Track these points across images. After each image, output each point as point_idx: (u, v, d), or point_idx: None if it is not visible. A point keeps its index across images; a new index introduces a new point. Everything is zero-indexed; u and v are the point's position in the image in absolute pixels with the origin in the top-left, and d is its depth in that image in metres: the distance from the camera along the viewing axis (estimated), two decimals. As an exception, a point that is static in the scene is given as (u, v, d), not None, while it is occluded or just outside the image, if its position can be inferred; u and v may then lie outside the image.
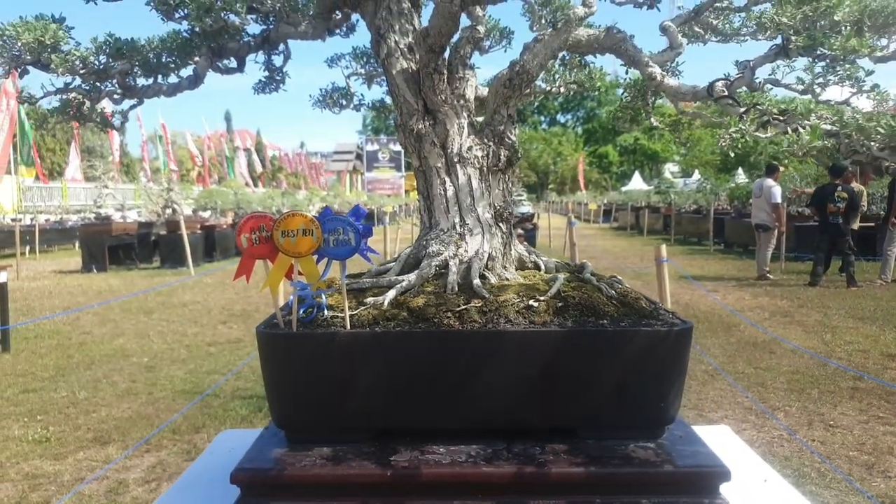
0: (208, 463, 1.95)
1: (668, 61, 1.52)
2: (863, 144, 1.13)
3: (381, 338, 1.32)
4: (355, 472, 1.25)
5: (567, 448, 1.32)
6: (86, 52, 1.38)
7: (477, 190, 1.52)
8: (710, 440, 1.85)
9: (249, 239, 1.30)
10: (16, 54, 1.31)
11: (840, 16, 1.15)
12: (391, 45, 1.53)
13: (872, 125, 1.11)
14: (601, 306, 1.38)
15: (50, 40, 1.31)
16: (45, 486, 4.29)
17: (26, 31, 1.29)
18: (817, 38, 1.18)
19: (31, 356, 7.74)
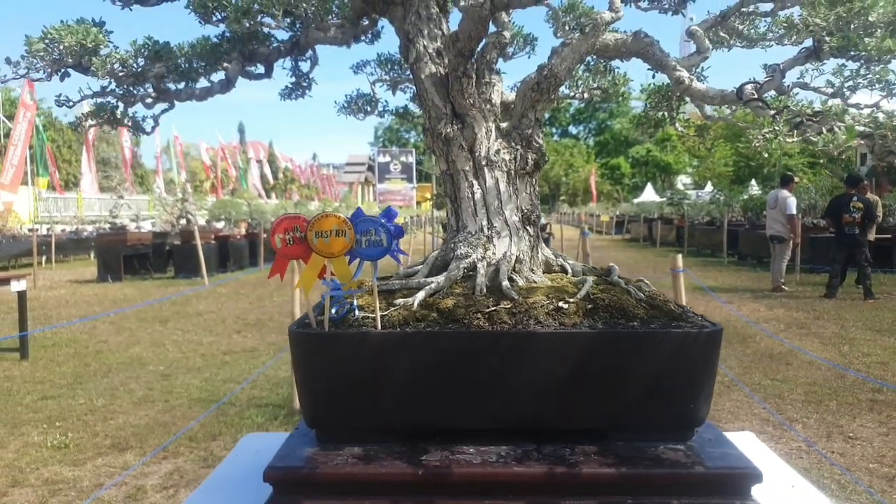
0: (234, 465, 1.97)
1: (694, 65, 1.53)
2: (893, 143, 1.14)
3: (411, 338, 1.33)
4: (387, 471, 1.26)
5: (597, 449, 1.32)
6: (125, 55, 1.40)
7: (504, 193, 1.54)
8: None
9: (283, 239, 1.32)
10: (57, 58, 1.33)
11: (875, 16, 1.16)
12: (420, 49, 1.55)
13: (905, 125, 1.12)
14: (630, 308, 1.39)
15: (91, 43, 1.34)
16: (65, 491, 4.32)
17: (69, 34, 1.32)
18: (852, 39, 1.19)
19: (49, 364, 7.81)
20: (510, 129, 1.58)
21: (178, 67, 1.45)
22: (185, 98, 1.52)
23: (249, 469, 1.86)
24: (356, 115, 2.04)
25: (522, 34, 1.99)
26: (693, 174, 61.08)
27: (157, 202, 21.16)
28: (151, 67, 1.43)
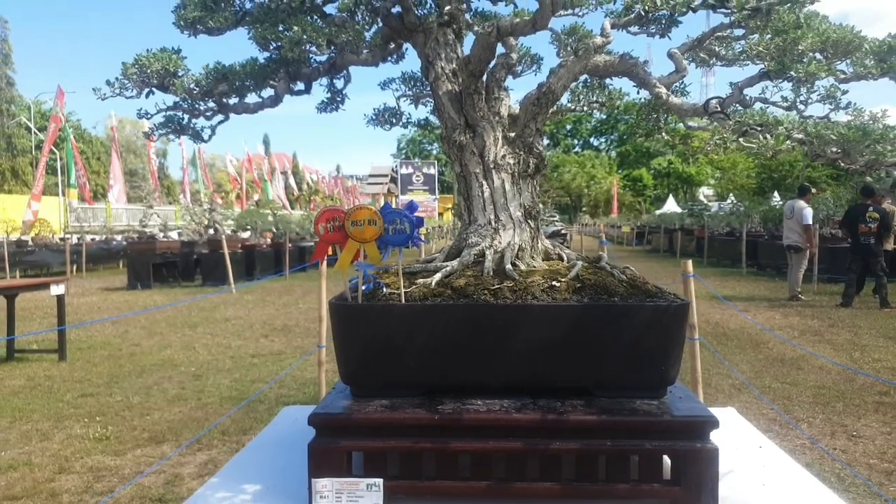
0: (275, 431, 2.25)
1: (674, 83, 1.79)
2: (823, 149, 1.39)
3: (430, 310, 1.61)
4: (409, 416, 1.54)
5: (583, 403, 1.59)
6: (199, 77, 1.71)
7: (509, 192, 1.81)
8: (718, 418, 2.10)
9: (325, 227, 1.61)
10: (144, 79, 1.64)
11: (804, 46, 1.41)
12: (438, 70, 1.83)
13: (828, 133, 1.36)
14: (613, 287, 1.66)
15: (172, 68, 1.65)
16: (108, 477, 4.63)
17: (156, 61, 1.63)
18: (786, 64, 1.44)
19: (86, 365, 8.18)
20: (515, 138, 1.86)
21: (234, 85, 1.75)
22: (240, 111, 1.82)
23: (290, 433, 2.15)
24: (383, 126, 2.33)
25: (530, 55, 2.27)
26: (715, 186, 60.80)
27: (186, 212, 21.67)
28: (216, 87, 1.72)
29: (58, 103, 26.51)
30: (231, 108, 1.79)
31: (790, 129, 1.44)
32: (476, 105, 1.79)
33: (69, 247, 19.22)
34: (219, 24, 1.72)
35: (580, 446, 1.51)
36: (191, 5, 1.70)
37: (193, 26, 1.71)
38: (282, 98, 1.85)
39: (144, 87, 1.67)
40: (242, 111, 1.82)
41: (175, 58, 1.68)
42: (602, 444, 1.50)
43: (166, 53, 1.68)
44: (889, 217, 12.35)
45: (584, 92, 2.21)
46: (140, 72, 1.64)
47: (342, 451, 1.55)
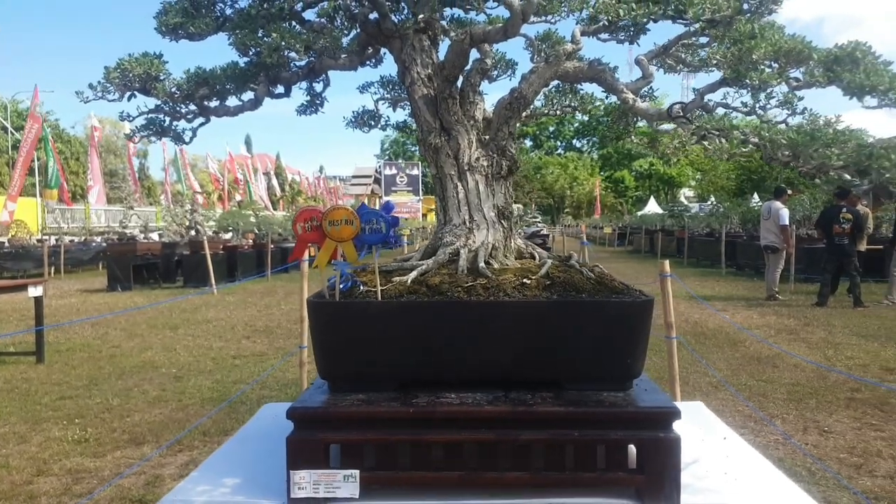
0: (256, 426, 2.30)
1: (640, 88, 1.86)
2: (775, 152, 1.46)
3: (405, 306, 1.67)
4: (385, 409, 1.60)
5: (552, 395, 1.66)
6: (180, 81, 1.75)
7: (483, 193, 1.88)
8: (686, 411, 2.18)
9: (303, 227, 1.67)
10: (126, 82, 1.69)
11: (758, 55, 1.49)
12: (414, 75, 1.89)
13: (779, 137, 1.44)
14: (581, 284, 1.73)
15: (154, 72, 1.69)
16: (88, 479, 4.62)
17: (138, 65, 1.68)
18: (741, 72, 1.52)
19: (65, 367, 8.13)
20: (488, 141, 1.92)
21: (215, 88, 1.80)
22: (221, 114, 1.86)
23: (270, 428, 2.19)
24: (362, 129, 2.39)
25: (505, 60, 2.33)
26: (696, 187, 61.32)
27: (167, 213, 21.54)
28: (197, 90, 1.77)
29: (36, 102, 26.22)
30: (212, 110, 1.84)
31: (746, 134, 1.52)
32: (451, 109, 1.85)
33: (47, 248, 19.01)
34: (199, 29, 1.77)
35: (548, 437, 1.58)
36: (172, 12, 1.75)
37: (175, 32, 1.75)
38: (261, 101, 1.90)
39: (126, 91, 1.72)
40: (223, 114, 1.87)
41: (157, 62, 1.73)
42: (569, 435, 1.57)
43: (148, 58, 1.73)
44: (862, 219, 12.59)
45: (556, 96, 2.28)
46: (122, 76, 1.68)
47: (319, 443, 1.60)
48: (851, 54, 1.44)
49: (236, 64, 1.99)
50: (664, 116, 1.70)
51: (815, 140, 1.41)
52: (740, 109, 1.70)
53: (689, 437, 2.03)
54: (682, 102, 1.69)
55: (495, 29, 1.72)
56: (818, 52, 1.47)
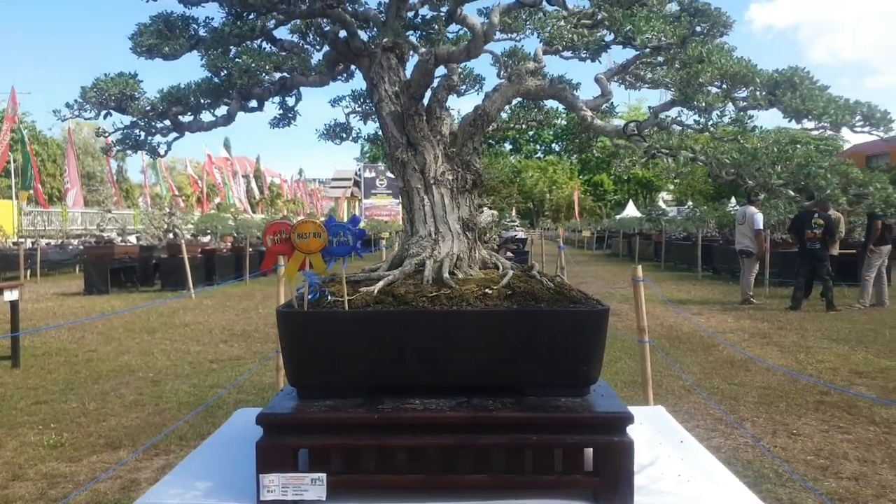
0: (229, 431, 2.35)
1: (600, 105, 1.94)
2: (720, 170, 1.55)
3: (371, 316, 1.74)
4: (351, 415, 1.66)
5: (513, 401, 1.73)
6: (154, 100, 1.81)
7: (448, 206, 1.95)
8: (646, 416, 2.27)
9: (273, 239, 1.73)
10: (103, 101, 1.74)
11: (704, 78, 1.58)
12: (382, 92, 1.96)
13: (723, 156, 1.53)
14: (540, 294, 1.80)
15: (129, 91, 1.74)
16: (63, 484, 4.63)
17: (113, 85, 1.73)
18: (688, 94, 1.61)
19: (41, 371, 8.08)
20: (454, 156, 1.99)
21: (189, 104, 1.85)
22: (195, 129, 1.92)
23: (242, 433, 2.24)
24: (334, 141, 2.45)
25: (472, 75, 2.41)
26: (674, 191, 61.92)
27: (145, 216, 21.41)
28: (171, 108, 1.83)
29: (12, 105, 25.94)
30: (185, 126, 1.90)
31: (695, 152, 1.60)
32: (417, 125, 1.93)
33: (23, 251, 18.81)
34: (174, 50, 1.82)
35: (508, 441, 1.65)
36: (146, 33, 1.80)
37: (149, 52, 1.81)
38: (234, 117, 1.95)
39: (103, 109, 1.77)
40: (197, 129, 1.92)
41: (132, 82, 1.79)
42: (528, 439, 1.65)
43: (124, 78, 1.78)
44: (834, 224, 12.83)
45: (522, 111, 2.36)
46: (98, 95, 1.74)
47: (288, 448, 1.67)
48: (790, 79, 1.53)
49: (210, 79, 2.05)
50: (620, 134, 1.78)
51: (756, 159, 1.49)
52: (693, 127, 1.79)
53: (647, 441, 2.11)
54: (636, 121, 1.77)
55: (459, 49, 1.79)
56: (761, 75, 1.55)
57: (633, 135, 1.72)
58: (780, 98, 1.52)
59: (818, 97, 1.49)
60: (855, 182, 1.52)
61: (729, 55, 1.66)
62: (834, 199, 1.53)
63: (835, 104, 1.50)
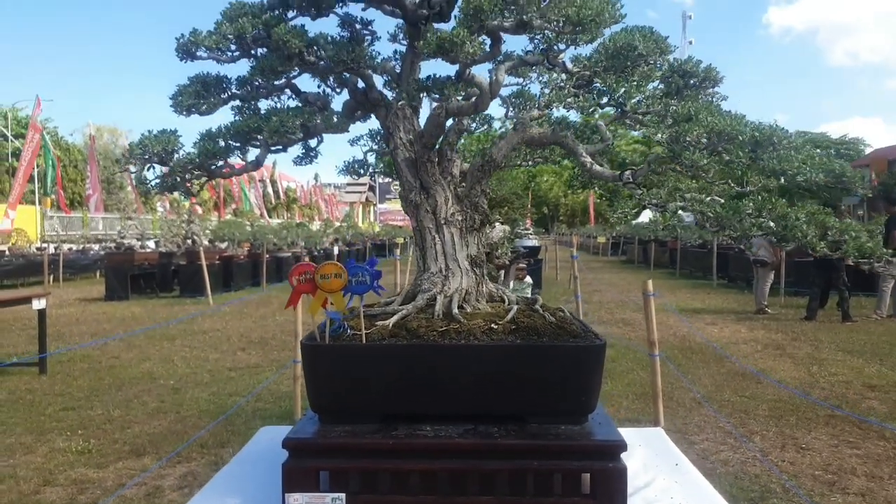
0: (253, 450, 2.52)
1: (598, 152, 2.09)
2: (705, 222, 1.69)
3: (387, 349, 1.90)
4: (368, 441, 1.83)
5: (516, 428, 1.88)
6: (193, 156, 1.99)
7: (458, 244, 2.11)
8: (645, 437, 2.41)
9: (298, 279, 1.90)
10: (147, 157, 1.92)
11: (691, 137, 1.72)
12: (397, 140, 2.13)
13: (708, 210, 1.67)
14: (542, 328, 1.95)
15: (170, 147, 1.92)
16: (91, 490, 4.82)
17: (157, 143, 1.91)
18: (675, 151, 1.75)
19: (66, 378, 8.31)
20: (462, 197, 2.15)
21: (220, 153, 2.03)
22: (227, 175, 2.09)
23: (266, 452, 2.41)
24: (352, 175, 2.62)
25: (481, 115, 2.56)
26: (691, 196, 61.37)
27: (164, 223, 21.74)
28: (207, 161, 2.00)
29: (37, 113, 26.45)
30: (217, 172, 2.07)
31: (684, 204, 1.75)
32: (429, 171, 2.09)
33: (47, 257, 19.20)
34: (210, 108, 2.00)
35: (512, 466, 1.81)
36: (186, 94, 1.98)
37: (188, 111, 1.99)
38: (262, 162, 2.13)
39: (147, 164, 1.95)
40: (229, 175, 2.10)
41: (173, 139, 1.97)
42: (530, 464, 1.80)
43: (165, 135, 1.96)
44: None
45: (528, 150, 2.52)
46: (143, 151, 1.92)
47: (311, 470, 1.83)
48: (770, 138, 1.66)
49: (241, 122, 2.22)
50: (617, 180, 1.92)
51: (738, 213, 1.63)
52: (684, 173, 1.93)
53: (643, 463, 2.26)
54: (633, 168, 1.92)
55: (468, 105, 1.95)
56: (744, 133, 1.69)
57: (629, 182, 1.87)
58: (760, 156, 1.66)
59: (792, 158, 1.63)
60: (832, 230, 1.65)
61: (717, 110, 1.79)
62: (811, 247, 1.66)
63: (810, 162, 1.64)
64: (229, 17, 1.97)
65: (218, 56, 2.03)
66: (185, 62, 1.95)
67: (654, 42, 1.82)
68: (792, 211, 1.64)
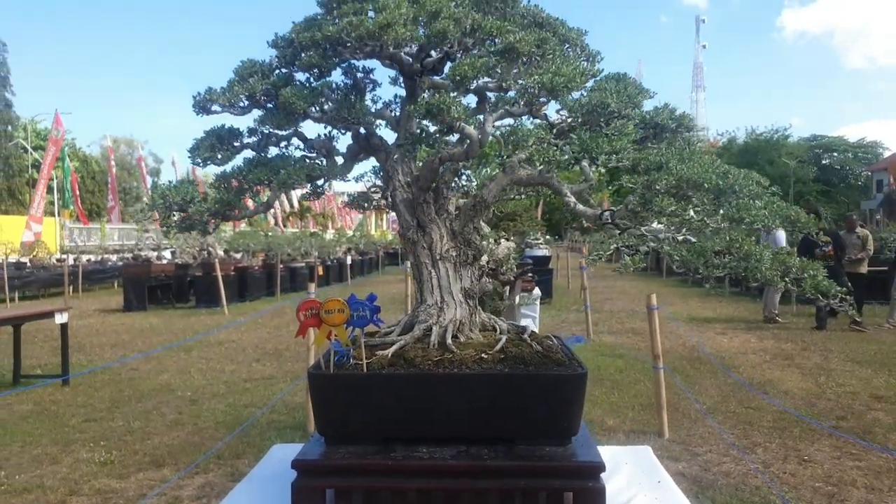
0: (266, 467, 2.70)
1: (583, 191, 2.26)
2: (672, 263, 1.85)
3: (386, 377, 2.08)
4: (370, 462, 2.01)
5: (505, 450, 2.06)
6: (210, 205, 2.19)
7: (452, 278, 2.29)
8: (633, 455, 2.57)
9: (305, 314, 2.09)
10: (168, 206, 2.13)
11: (660, 186, 1.88)
12: (396, 183, 2.32)
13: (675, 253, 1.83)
14: (529, 357, 2.13)
15: (188, 197, 2.12)
16: (115, 499, 5.03)
17: (177, 193, 2.11)
18: (646, 198, 1.91)
19: (88, 390, 8.56)
20: (456, 234, 2.33)
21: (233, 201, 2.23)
22: (240, 218, 2.29)
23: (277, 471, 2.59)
24: (357, 209, 2.80)
25: (477, 151, 2.74)
26: (705, 202, 61.13)
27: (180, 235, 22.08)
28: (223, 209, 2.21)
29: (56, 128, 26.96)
30: (232, 216, 2.28)
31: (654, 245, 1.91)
32: (425, 211, 2.28)
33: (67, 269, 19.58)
34: (225, 158, 2.21)
35: (501, 485, 1.98)
36: (202, 148, 2.19)
37: (204, 161, 2.19)
38: (272, 205, 2.33)
39: (168, 212, 2.16)
40: (241, 217, 2.30)
41: (191, 189, 2.17)
42: (517, 484, 1.97)
43: (185, 186, 2.17)
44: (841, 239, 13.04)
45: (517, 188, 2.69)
46: (164, 201, 2.13)
47: (318, 489, 2.01)
48: (732, 186, 1.83)
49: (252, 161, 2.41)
50: (598, 220, 2.09)
51: (703, 255, 1.79)
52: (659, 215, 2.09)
53: (628, 480, 2.41)
54: (612, 210, 2.09)
55: (459, 152, 2.13)
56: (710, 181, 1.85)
57: (608, 223, 2.04)
58: (722, 204, 1.83)
59: (751, 207, 1.79)
60: (792, 270, 1.81)
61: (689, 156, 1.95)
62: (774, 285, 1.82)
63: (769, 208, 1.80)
64: (241, 76, 2.17)
65: (230, 110, 2.23)
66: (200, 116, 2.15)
67: (627, 97, 1.99)
68: (756, 250, 1.79)
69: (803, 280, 1.78)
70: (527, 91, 1.92)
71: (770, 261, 1.78)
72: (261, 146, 2.30)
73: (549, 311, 15.40)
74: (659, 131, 2.08)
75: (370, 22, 1.93)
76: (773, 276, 1.77)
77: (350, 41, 1.98)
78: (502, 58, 1.93)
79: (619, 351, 11.01)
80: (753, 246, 1.86)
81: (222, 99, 2.15)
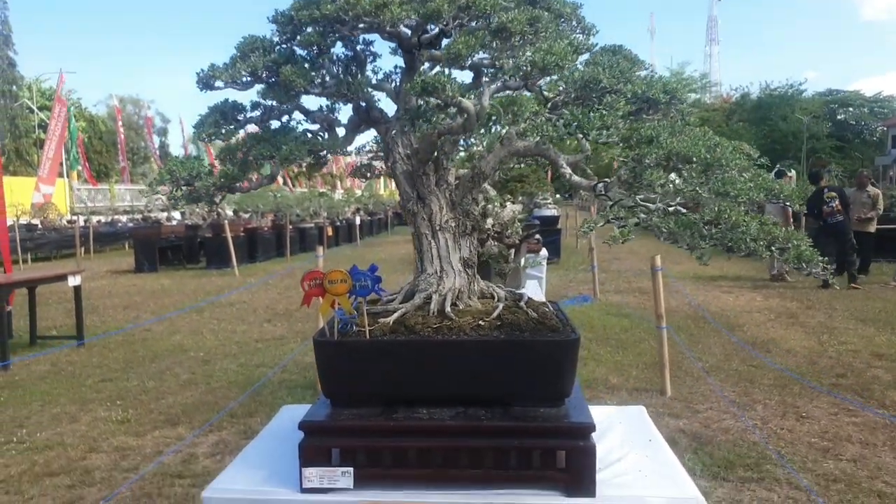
0: (276, 426, 2.83)
1: (578, 162, 2.31)
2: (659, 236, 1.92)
3: (387, 344, 2.18)
4: (373, 423, 2.13)
5: (502, 412, 2.17)
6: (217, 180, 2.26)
7: (451, 247, 2.37)
8: (627, 415, 2.68)
9: (309, 284, 2.19)
10: (175, 180, 2.20)
11: (649, 160, 1.94)
12: (396, 155, 2.38)
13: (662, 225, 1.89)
14: (525, 324, 2.22)
15: (195, 172, 2.20)
16: (132, 456, 5.23)
17: (184, 168, 2.19)
18: (636, 172, 1.97)
19: (103, 350, 8.78)
20: (455, 205, 2.40)
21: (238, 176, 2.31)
22: (244, 190, 2.37)
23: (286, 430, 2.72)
24: (359, 178, 2.88)
25: (477, 121, 2.79)
26: (717, 158, 60.53)
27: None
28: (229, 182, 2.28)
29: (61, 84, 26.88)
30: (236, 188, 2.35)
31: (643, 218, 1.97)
32: (425, 183, 2.35)
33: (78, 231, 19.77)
34: (229, 134, 2.28)
35: (496, 444, 2.09)
36: (207, 124, 2.26)
37: (209, 137, 2.27)
38: (276, 177, 2.40)
39: (174, 187, 2.24)
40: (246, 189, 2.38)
41: (197, 164, 2.25)
42: (512, 443, 2.09)
43: (191, 161, 2.24)
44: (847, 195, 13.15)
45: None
46: (172, 175, 2.21)
47: (324, 448, 2.13)
48: (719, 160, 1.88)
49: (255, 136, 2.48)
50: (592, 190, 2.15)
51: (689, 227, 1.86)
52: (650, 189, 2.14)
53: (621, 439, 2.53)
54: (605, 181, 2.15)
55: (457, 125, 2.19)
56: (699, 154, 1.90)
57: (601, 194, 2.10)
58: (710, 177, 1.89)
59: (737, 180, 1.85)
60: (777, 240, 1.88)
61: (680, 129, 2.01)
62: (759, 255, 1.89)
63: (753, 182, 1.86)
64: (243, 52, 2.23)
65: (233, 86, 2.29)
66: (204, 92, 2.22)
67: (619, 73, 2.04)
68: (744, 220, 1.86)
69: (788, 248, 1.84)
70: (520, 69, 1.97)
71: (756, 231, 1.84)
72: (263, 120, 2.37)
73: (557, 271, 15.49)
74: (649, 108, 2.12)
75: (367, 1, 1.97)
76: (758, 247, 1.83)
77: (348, 19, 2.03)
78: (495, 37, 1.98)
79: (625, 310, 11.12)
80: (742, 216, 1.92)
81: (225, 75, 2.21)
